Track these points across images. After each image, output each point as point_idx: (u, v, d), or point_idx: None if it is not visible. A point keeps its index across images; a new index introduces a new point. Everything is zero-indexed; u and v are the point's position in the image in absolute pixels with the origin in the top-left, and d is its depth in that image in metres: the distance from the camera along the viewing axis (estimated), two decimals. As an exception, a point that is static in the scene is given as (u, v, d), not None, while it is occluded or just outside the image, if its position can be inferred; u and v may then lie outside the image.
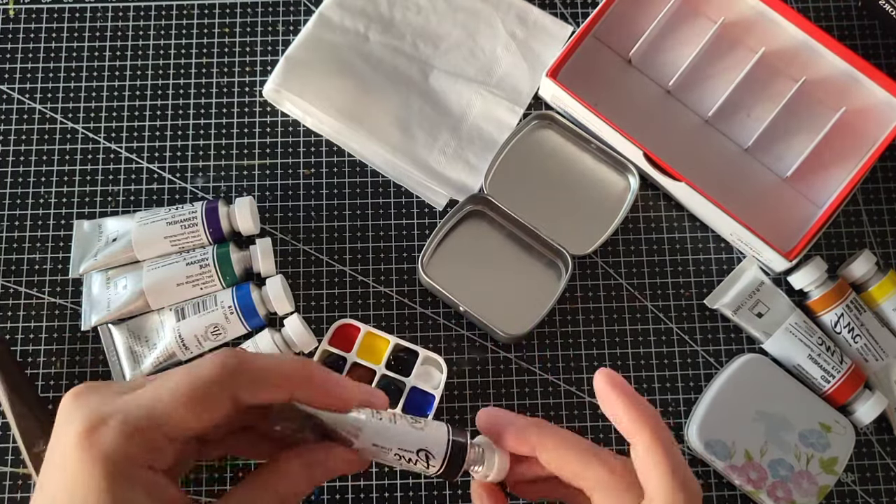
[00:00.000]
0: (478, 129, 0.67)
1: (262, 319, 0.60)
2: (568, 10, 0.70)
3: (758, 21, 0.65)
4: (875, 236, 0.66)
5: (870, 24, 0.70)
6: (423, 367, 0.47)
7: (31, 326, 0.62)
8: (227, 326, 0.59)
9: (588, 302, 0.64)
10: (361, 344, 0.48)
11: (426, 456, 0.38)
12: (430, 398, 0.48)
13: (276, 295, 0.59)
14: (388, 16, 0.68)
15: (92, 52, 0.68)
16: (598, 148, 0.65)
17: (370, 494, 0.59)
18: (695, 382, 0.62)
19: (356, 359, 0.48)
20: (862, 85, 0.63)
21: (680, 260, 0.65)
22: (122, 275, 0.61)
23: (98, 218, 0.64)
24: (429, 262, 0.63)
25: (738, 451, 0.58)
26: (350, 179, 0.66)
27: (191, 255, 0.60)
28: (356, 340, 0.48)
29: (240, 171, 0.66)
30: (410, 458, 0.38)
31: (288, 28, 0.69)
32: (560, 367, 0.62)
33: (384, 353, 0.48)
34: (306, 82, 0.65)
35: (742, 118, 0.66)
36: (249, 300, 0.59)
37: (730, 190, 0.63)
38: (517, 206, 0.62)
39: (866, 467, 0.61)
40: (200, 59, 0.68)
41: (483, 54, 0.68)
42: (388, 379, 0.48)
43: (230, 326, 0.59)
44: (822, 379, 0.60)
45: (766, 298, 0.61)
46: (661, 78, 0.67)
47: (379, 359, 0.48)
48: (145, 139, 0.66)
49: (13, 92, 0.67)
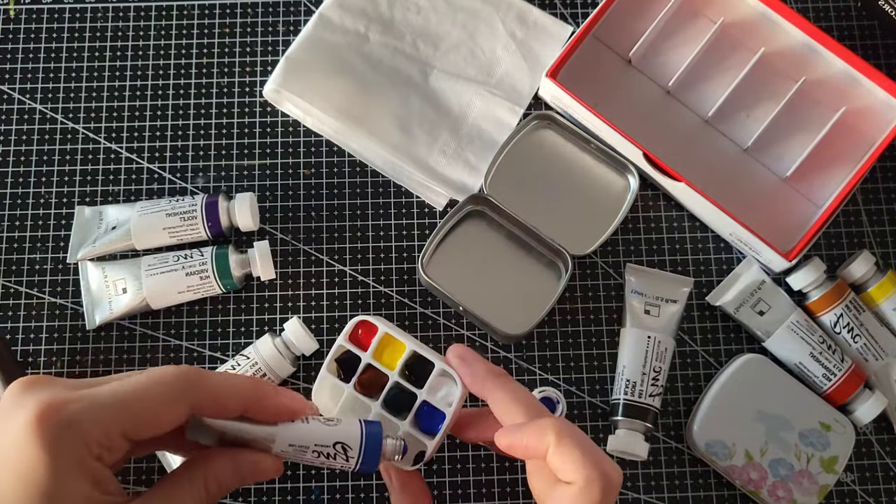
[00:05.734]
0: (478, 129, 0.67)
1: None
2: (568, 10, 0.70)
3: (758, 21, 0.65)
4: (874, 236, 0.66)
5: (869, 25, 0.70)
6: (438, 379, 0.45)
7: (31, 326, 0.62)
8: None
9: (588, 302, 0.64)
10: (378, 345, 0.47)
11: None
12: (440, 416, 0.44)
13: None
14: (388, 16, 0.69)
15: (92, 53, 0.68)
16: (598, 148, 0.65)
17: (370, 494, 0.59)
18: (695, 382, 0.62)
19: (371, 360, 0.47)
20: (861, 85, 0.63)
21: (679, 260, 0.65)
22: (120, 275, 0.60)
23: (98, 214, 0.64)
24: (429, 262, 0.63)
25: (739, 451, 0.58)
26: (350, 179, 0.66)
27: (189, 262, 0.60)
28: (373, 340, 0.46)
29: (240, 171, 0.66)
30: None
31: (288, 28, 0.69)
32: (560, 367, 0.62)
33: (399, 358, 0.46)
34: (306, 82, 0.65)
35: (742, 118, 0.66)
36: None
37: (729, 190, 0.63)
38: (517, 206, 0.62)
39: (866, 467, 0.61)
40: (201, 60, 0.68)
41: (483, 54, 0.68)
42: (401, 387, 0.46)
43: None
44: (824, 377, 0.60)
45: (767, 297, 0.61)
46: (661, 78, 0.67)
47: (394, 364, 0.46)
48: (146, 139, 0.66)
49: (14, 92, 0.67)
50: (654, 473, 0.61)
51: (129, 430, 0.35)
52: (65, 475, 0.33)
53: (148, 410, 0.36)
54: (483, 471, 0.60)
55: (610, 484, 0.37)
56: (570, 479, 0.37)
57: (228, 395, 0.38)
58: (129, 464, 0.60)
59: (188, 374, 0.37)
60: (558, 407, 0.60)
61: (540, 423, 0.40)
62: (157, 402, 0.36)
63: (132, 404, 0.35)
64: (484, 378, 0.44)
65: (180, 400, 0.37)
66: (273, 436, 0.39)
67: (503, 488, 0.60)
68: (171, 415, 0.36)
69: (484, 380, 0.43)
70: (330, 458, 0.40)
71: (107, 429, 0.34)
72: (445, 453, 0.60)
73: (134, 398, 0.36)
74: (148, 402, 0.36)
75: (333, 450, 0.40)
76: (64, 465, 0.33)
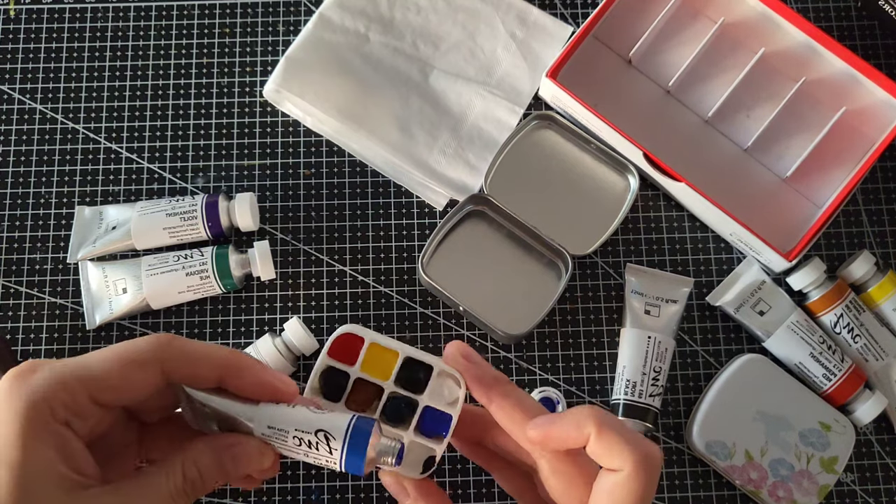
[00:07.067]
0: (478, 129, 0.67)
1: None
2: (568, 10, 0.70)
3: (758, 21, 0.65)
4: (874, 236, 0.66)
5: (869, 25, 0.70)
6: (439, 381, 0.43)
7: (31, 326, 0.62)
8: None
9: (588, 302, 0.64)
10: (365, 357, 0.44)
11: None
12: (446, 418, 0.42)
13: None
14: (388, 16, 0.69)
15: (92, 53, 0.68)
16: (598, 148, 0.65)
17: (370, 494, 0.59)
18: (695, 382, 0.62)
19: (360, 374, 0.44)
20: (861, 85, 0.63)
21: (680, 260, 0.65)
22: (120, 275, 0.61)
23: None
24: (429, 262, 0.63)
25: (739, 451, 0.58)
26: (350, 179, 0.66)
27: (190, 262, 0.60)
28: (359, 353, 0.44)
29: (240, 171, 0.66)
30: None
31: (288, 28, 0.69)
32: (560, 367, 0.62)
33: (392, 366, 0.44)
34: (307, 82, 0.65)
35: (742, 118, 0.66)
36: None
37: (730, 190, 0.63)
38: (517, 206, 0.62)
39: (866, 467, 0.61)
40: (201, 60, 0.68)
41: (483, 54, 0.68)
42: (399, 397, 0.44)
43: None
44: (824, 377, 0.60)
45: (767, 297, 0.61)
46: (661, 78, 0.67)
47: (387, 374, 0.43)
48: (146, 139, 0.66)
49: (14, 92, 0.67)
50: (654, 473, 0.60)
51: (97, 394, 0.34)
52: (27, 440, 0.32)
53: (114, 371, 0.34)
54: (483, 471, 0.60)
55: (656, 465, 0.37)
56: (617, 465, 0.37)
57: (203, 361, 0.37)
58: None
59: (160, 337, 0.36)
60: (558, 407, 0.60)
61: (576, 412, 0.39)
62: (124, 363, 0.35)
63: (97, 365, 0.34)
64: (491, 383, 0.41)
65: (150, 362, 0.35)
66: (253, 415, 0.37)
67: (502, 488, 0.59)
68: (139, 376, 0.35)
69: (491, 385, 0.41)
70: (312, 447, 0.37)
71: (71, 390, 0.33)
72: (446, 453, 0.60)
73: (99, 360, 0.34)
74: (114, 363, 0.34)
75: (315, 437, 0.37)
76: (27, 429, 0.32)
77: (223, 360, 0.37)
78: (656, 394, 0.59)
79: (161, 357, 0.35)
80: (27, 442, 0.32)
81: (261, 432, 0.37)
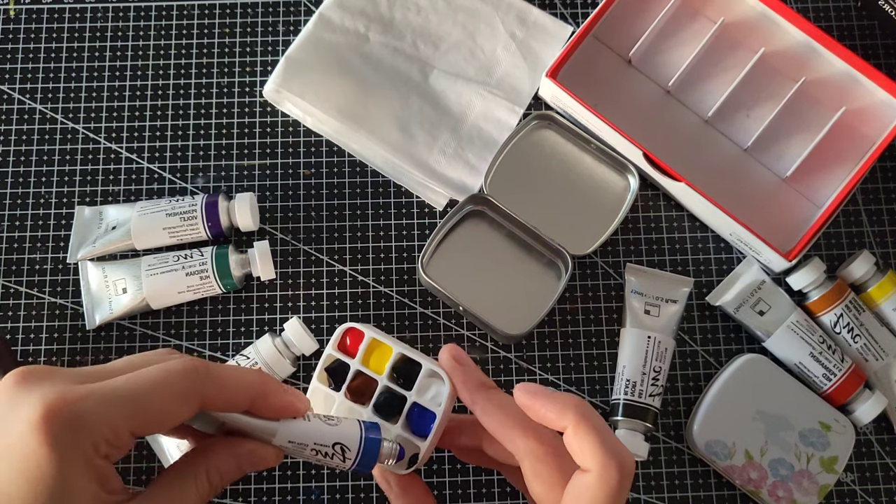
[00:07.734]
0: (478, 129, 0.67)
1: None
2: (568, 10, 0.70)
3: (757, 21, 0.65)
4: (874, 236, 0.66)
5: (869, 25, 0.70)
6: (427, 380, 0.45)
7: (31, 326, 0.62)
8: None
9: (588, 302, 0.64)
10: (365, 350, 0.47)
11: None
12: (430, 416, 0.45)
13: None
14: (388, 16, 0.69)
15: (92, 53, 0.68)
16: (598, 148, 0.65)
17: (370, 494, 0.59)
18: (695, 382, 0.62)
19: (360, 366, 0.47)
20: (861, 85, 0.63)
21: (679, 260, 0.65)
22: (120, 275, 0.61)
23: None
24: (429, 262, 0.63)
25: (739, 451, 0.58)
26: (350, 179, 0.66)
27: (189, 262, 0.60)
28: (360, 346, 0.47)
29: (240, 171, 0.66)
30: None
31: (288, 28, 0.69)
32: (560, 367, 0.62)
33: (387, 362, 0.46)
34: (306, 82, 0.65)
35: (742, 118, 0.66)
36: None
37: (729, 190, 0.63)
38: (517, 206, 0.62)
39: (866, 467, 0.61)
40: (201, 60, 0.68)
41: (483, 54, 0.68)
42: (390, 391, 0.46)
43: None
44: (824, 377, 0.60)
45: (767, 297, 0.61)
46: (661, 78, 0.67)
47: (381, 368, 0.46)
48: (146, 139, 0.66)
49: (14, 92, 0.67)
50: (654, 473, 0.61)
51: (138, 428, 0.34)
52: (72, 475, 0.32)
53: (158, 409, 0.35)
54: (483, 471, 0.60)
55: (626, 472, 0.37)
56: (588, 465, 0.37)
57: (238, 390, 0.38)
58: (127, 463, 0.60)
59: (197, 369, 0.36)
60: None
61: (563, 398, 0.39)
62: (168, 399, 0.35)
63: (142, 403, 0.34)
64: (476, 388, 0.43)
65: (191, 397, 0.36)
66: (274, 431, 0.39)
67: (503, 488, 0.60)
68: (180, 412, 0.36)
69: (475, 389, 0.43)
70: (327, 457, 0.41)
71: (116, 427, 0.34)
72: (445, 453, 0.60)
73: (144, 396, 0.35)
74: (158, 401, 0.35)
75: (332, 450, 0.40)
76: (72, 465, 0.32)
77: (253, 387, 0.38)
78: (656, 394, 0.59)
79: (200, 392, 0.36)
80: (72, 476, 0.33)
81: (280, 444, 0.40)
